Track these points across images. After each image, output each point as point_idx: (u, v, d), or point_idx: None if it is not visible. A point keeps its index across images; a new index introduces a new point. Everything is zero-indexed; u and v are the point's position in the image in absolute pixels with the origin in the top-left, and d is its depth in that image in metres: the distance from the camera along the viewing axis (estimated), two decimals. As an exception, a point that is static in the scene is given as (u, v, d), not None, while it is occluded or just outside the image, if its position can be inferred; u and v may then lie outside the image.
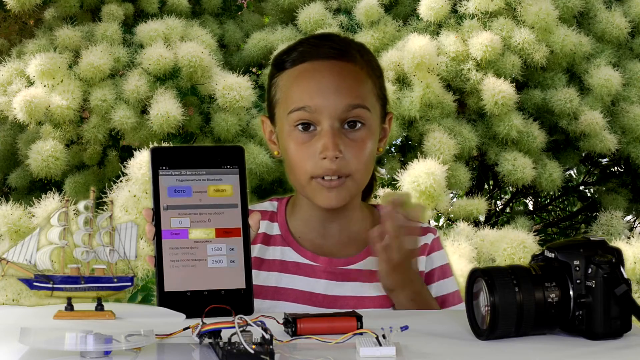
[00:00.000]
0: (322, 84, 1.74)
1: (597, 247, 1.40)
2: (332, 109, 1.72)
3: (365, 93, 1.76)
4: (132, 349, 1.25)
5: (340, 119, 1.72)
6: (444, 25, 5.03)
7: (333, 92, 1.73)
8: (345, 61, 1.76)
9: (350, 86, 1.74)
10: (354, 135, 1.73)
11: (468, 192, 5.53)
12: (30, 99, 4.58)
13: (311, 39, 1.86)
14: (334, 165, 1.71)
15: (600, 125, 4.93)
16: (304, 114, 1.73)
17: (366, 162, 1.75)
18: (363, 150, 1.73)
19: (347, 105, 1.72)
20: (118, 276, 1.32)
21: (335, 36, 1.85)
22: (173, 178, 1.44)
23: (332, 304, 1.76)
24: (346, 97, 1.73)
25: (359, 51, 1.80)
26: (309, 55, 1.77)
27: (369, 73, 1.78)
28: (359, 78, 1.76)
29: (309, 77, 1.75)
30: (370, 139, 1.75)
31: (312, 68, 1.75)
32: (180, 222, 1.42)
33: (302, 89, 1.74)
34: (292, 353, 1.28)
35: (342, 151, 1.71)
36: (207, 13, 5.71)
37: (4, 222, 3.31)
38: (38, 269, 1.30)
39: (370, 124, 1.75)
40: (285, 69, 1.78)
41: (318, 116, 1.72)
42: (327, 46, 1.78)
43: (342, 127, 1.73)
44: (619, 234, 4.69)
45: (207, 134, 4.94)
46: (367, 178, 1.79)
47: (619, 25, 5.16)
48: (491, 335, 1.37)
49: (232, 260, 1.44)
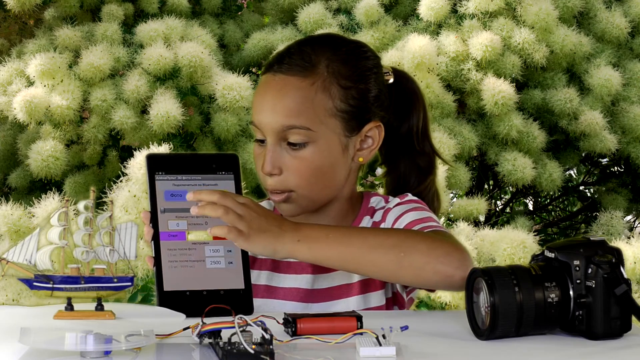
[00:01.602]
0: (264, 100, 1.72)
1: (597, 247, 1.40)
2: (269, 128, 1.69)
3: (307, 111, 1.69)
4: (132, 349, 1.25)
5: (278, 136, 1.69)
6: (444, 25, 5.03)
7: (270, 110, 1.70)
8: (295, 76, 1.70)
9: (286, 106, 1.69)
10: (296, 154, 1.69)
11: (468, 192, 5.54)
12: (30, 99, 4.58)
13: (291, 46, 1.79)
14: (271, 181, 1.70)
15: (600, 125, 4.93)
16: (255, 127, 1.73)
17: (313, 179, 1.71)
18: (307, 167, 1.70)
19: (282, 125, 1.68)
20: (118, 276, 1.32)
21: (316, 43, 1.78)
22: (169, 183, 1.44)
23: (320, 297, 1.76)
24: (281, 117, 1.69)
25: (328, 60, 1.72)
26: (268, 66, 1.75)
27: (324, 87, 1.70)
28: (302, 95, 1.69)
29: (259, 91, 1.74)
30: (319, 155, 1.70)
31: (263, 81, 1.74)
32: (177, 224, 1.43)
33: (254, 103, 1.74)
34: (292, 353, 1.28)
35: (281, 168, 1.69)
36: (207, 13, 5.71)
37: (4, 222, 3.31)
38: (38, 269, 1.30)
39: (317, 140, 1.69)
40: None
41: (263, 131, 1.71)
42: (288, 59, 1.72)
43: (285, 144, 1.70)
44: (619, 234, 4.69)
45: (207, 134, 4.95)
46: (325, 191, 1.74)
47: (619, 25, 5.16)
48: (491, 335, 1.37)
49: (230, 261, 1.44)
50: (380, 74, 1.81)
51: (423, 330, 1.46)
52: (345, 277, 1.76)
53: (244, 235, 1.45)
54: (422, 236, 1.59)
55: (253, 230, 1.46)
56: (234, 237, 1.44)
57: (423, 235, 1.61)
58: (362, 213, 1.81)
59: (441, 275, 1.52)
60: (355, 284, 1.75)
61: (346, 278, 1.76)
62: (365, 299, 1.75)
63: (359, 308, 1.71)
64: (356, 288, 1.75)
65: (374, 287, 1.75)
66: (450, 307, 3.34)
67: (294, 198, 1.72)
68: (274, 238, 1.48)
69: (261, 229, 1.47)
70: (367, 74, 1.77)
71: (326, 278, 1.76)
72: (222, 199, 1.44)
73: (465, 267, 1.50)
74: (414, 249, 1.52)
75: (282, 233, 1.49)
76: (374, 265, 1.53)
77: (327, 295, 1.76)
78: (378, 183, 5.36)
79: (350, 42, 1.82)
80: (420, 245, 1.53)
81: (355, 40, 1.85)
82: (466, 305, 1.41)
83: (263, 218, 1.48)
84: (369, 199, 1.83)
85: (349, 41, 1.83)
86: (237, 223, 1.45)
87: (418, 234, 1.61)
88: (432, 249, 1.53)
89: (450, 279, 1.52)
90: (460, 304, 3.25)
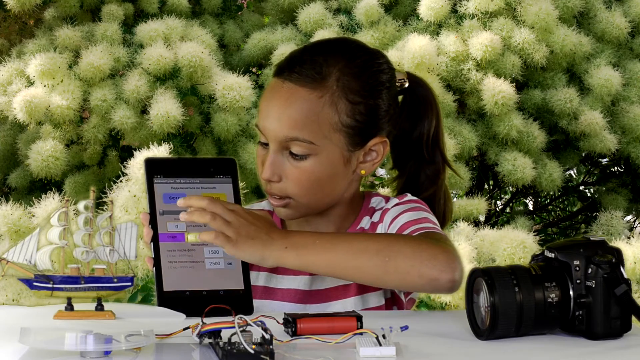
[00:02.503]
0: (270, 106, 1.70)
1: (597, 247, 1.40)
2: (273, 135, 1.68)
3: (312, 125, 1.67)
4: (132, 349, 1.25)
5: (281, 145, 1.68)
6: (444, 25, 5.03)
7: (275, 119, 1.68)
8: (304, 87, 1.68)
9: (291, 116, 1.67)
10: (297, 163, 1.68)
11: (468, 192, 5.54)
12: (30, 99, 4.58)
13: (302, 51, 1.77)
14: (269, 186, 1.70)
15: (600, 125, 4.93)
16: (259, 131, 1.72)
17: (313, 189, 1.70)
18: (307, 177, 1.69)
19: (285, 136, 1.67)
20: (118, 276, 1.32)
21: (330, 52, 1.73)
22: (168, 186, 1.45)
23: (317, 298, 1.75)
24: (285, 127, 1.67)
25: (339, 73, 1.69)
26: (279, 69, 1.73)
27: (332, 101, 1.68)
28: (308, 108, 1.67)
29: (266, 95, 1.72)
30: (319, 167, 1.69)
31: (272, 86, 1.72)
32: (176, 226, 1.43)
33: (261, 106, 1.73)
34: (292, 353, 1.28)
35: (280, 175, 1.69)
36: (207, 13, 5.71)
37: (4, 222, 3.31)
38: (38, 269, 1.30)
39: (319, 153, 1.68)
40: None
41: (267, 137, 1.70)
42: (299, 66, 1.70)
43: (287, 152, 1.69)
44: (619, 234, 4.69)
45: (207, 134, 4.94)
46: (324, 200, 1.74)
47: (619, 25, 5.16)
48: (491, 335, 1.37)
49: (229, 262, 1.44)
50: (393, 87, 1.77)
51: (423, 330, 1.46)
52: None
53: (231, 242, 1.45)
54: (408, 240, 1.59)
55: (241, 237, 1.46)
56: (222, 243, 1.44)
57: (409, 238, 1.61)
58: (362, 213, 1.81)
59: (426, 279, 1.51)
60: (353, 285, 1.75)
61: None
62: (363, 300, 1.75)
63: (357, 309, 1.71)
64: (354, 289, 1.75)
65: (372, 287, 1.74)
66: (450, 307, 3.34)
67: (292, 205, 1.72)
68: (262, 245, 1.48)
69: (249, 235, 1.47)
70: (378, 89, 1.74)
71: (324, 279, 1.76)
72: (211, 206, 1.45)
73: (452, 269, 1.50)
74: (399, 253, 1.52)
75: (271, 240, 1.49)
76: (359, 270, 1.53)
77: (325, 296, 1.76)
78: (378, 183, 5.36)
79: (366, 53, 1.76)
80: (405, 249, 1.53)
81: (373, 50, 1.79)
82: (466, 305, 1.41)
83: (252, 225, 1.48)
84: (370, 199, 1.83)
85: (365, 51, 1.77)
86: (225, 229, 1.45)
87: (404, 238, 1.61)
88: (418, 252, 1.52)
89: (435, 282, 1.51)
90: (460, 304, 3.25)
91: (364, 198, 1.83)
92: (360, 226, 1.79)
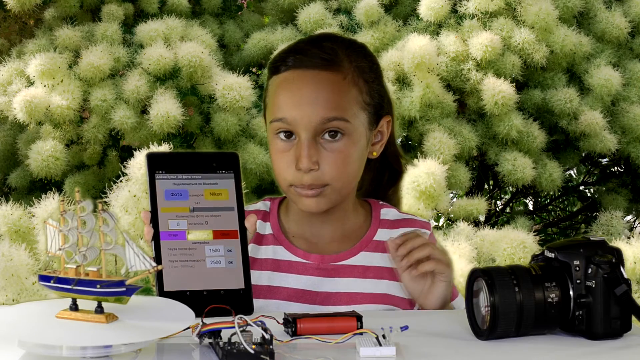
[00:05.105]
0: (300, 95, 1.73)
1: (597, 247, 1.40)
2: (307, 121, 1.71)
3: (345, 104, 1.74)
4: (132, 349, 1.25)
5: (316, 130, 1.72)
6: (444, 25, 5.03)
7: (309, 104, 1.72)
8: (327, 71, 1.74)
9: (326, 98, 1.73)
10: (332, 146, 1.72)
11: (468, 192, 5.54)
12: (30, 99, 4.59)
13: (302, 43, 1.83)
14: (308, 177, 1.72)
15: (600, 125, 4.93)
16: (283, 124, 1.74)
17: (346, 171, 1.74)
18: (343, 159, 1.73)
19: (323, 118, 1.71)
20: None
21: (328, 40, 1.81)
22: (169, 182, 1.44)
23: (324, 300, 1.76)
24: (322, 109, 1.72)
25: (348, 56, 1.77)
26: (293, 63, 1.76)
27: (354, 81, 1.76)
28: (339, 89, 1.74)
29: (289, 87, 1.75)
30: (352, 147, 1.74)
31: (293, 77, 1.75)
32: (178, 224, 1.43)
33: (282, 99, 1.75)
34: (292, 353, 1.28)
35: (318, 162, 1.72)
36: (207, 13, 5.71)
37: (4, 222, 3.32)
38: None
39: (351, 133, 1.74)
40: (275, 73, 1.79)
41: (296, 127, 1.72)
42: (313, 54, 1.76)
43: (321, 137, 1.72)
44: (619, 234, 4.69)
45: (207, 134, 4.95)
46: (351, 183, 1.79)
47: (619, 25, 5.16)
48: (491, 335, 1.37)
49: (230, 261, 1.44)
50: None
51: (423, 330, 1.46)
52: (353, 286, 1.77)
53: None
54: None
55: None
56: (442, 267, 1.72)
57: None
58: (374, 223, 1.83)
59: None
60: (369, 295, 1.76)
61: (354, 287, 1.77)
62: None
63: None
64: (364, 299, 1.76)
65: (387, 302, 1.77)
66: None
67: (326, 193, 1.74)
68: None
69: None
70: (378, 70, 1.83)
71: (330, 281, 1.76)
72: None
73: None
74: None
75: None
76: None
77: (330, 299, 1.76)
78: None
79: (352, 40, 1.86)
80: None
81: (351, 39, 1.89)
82: (466, 305, 1.41)
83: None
84: (379, 210, 1.85)
85: (350, 39, 1.87)
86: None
87: None
88: None
89: None
90: (460, 304, 3.25)
91: (372, 207, 1.86)
92: (375, 238, 1.82)
